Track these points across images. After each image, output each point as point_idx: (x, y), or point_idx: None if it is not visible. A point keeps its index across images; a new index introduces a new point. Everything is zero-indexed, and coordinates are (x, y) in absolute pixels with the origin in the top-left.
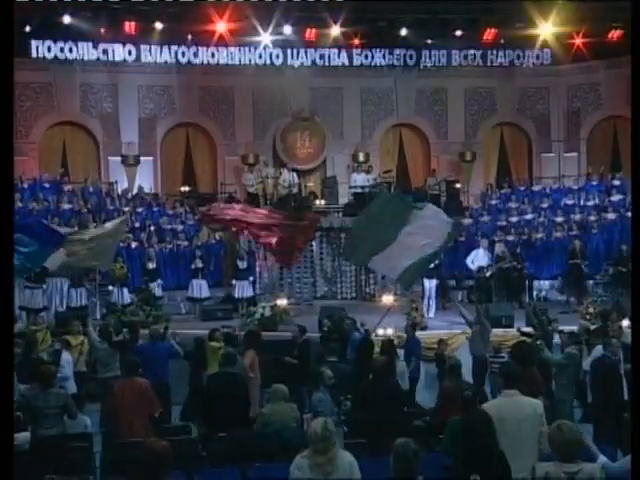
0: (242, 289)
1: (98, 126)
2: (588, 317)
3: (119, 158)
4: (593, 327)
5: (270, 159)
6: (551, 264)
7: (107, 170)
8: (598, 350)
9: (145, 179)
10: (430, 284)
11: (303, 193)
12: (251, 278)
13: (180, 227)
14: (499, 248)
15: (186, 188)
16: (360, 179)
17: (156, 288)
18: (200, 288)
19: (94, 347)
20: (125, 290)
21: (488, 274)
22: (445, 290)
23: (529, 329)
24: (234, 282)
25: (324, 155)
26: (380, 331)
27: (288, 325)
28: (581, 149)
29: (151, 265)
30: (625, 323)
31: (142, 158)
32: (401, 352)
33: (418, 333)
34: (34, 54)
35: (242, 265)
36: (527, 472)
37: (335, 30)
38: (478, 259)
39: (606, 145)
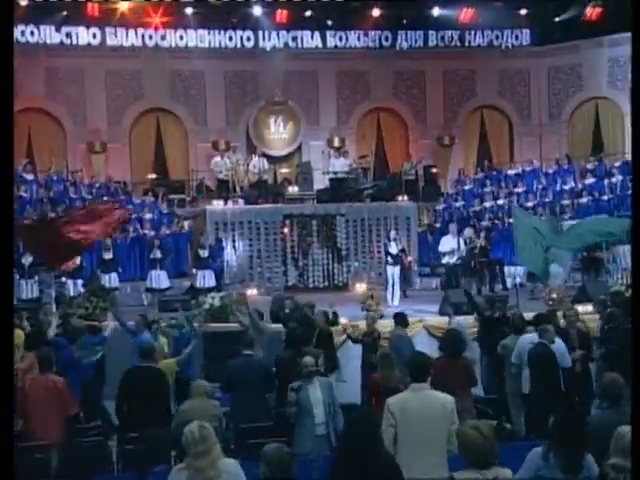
0: (203, 278)
1: (64, 113)
2: (551, 303)
3: (86, 145)
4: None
5: (244, 145)
6: None
7: (74, 158)
8: (526, 338)
9: (114, 167)
10: (394, 271)
11: (278, 180)
12: (216, 267)
13: (148, 216)
14: (467, 233)
15: (153, 176)
16: (338, 164)
17: (112, 279)
18: (159, 278)
19: None
20: (80, 281)
21: (454, 259)
22: (407, 278)
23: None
24: (194, 271)
25: (299, 141)
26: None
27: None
28: (562, 132)
29: (107, 255)
30: (582, 309)
31: (110, 145)
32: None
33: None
34: None
35: (203, 254)
36: (434, 473)
37: (307, 11)
38: (445, 245)
39: (588, 127)
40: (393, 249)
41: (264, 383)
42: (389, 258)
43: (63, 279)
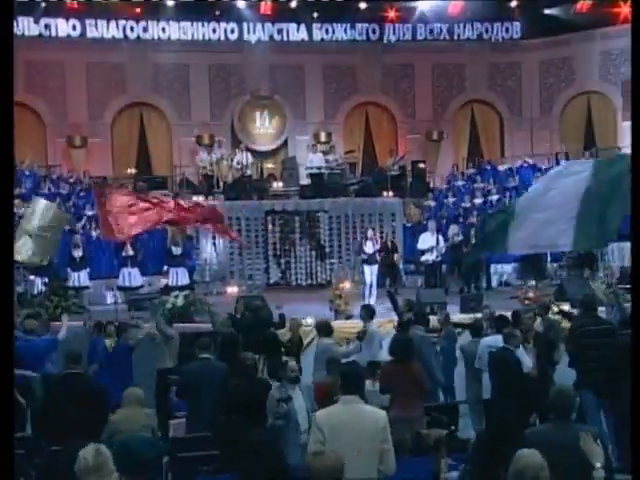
0: (175, 276)
1: (44, 106)
2: (527, 302)
3: (66, 140)
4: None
5: (229, 140)
6: None
7: (54, 153)
8: (485, 342)
9: (95, 162)
10: (371, 269)
11: (264, 175)
12: (190, 264)
13: None
14: (452, 230)
15: (133, 170)
16: (317, 159)
17: (82, 277)
18: (130, 277)
19: None
20: (46, 279)
21: (433, 257)
22: (396, 275)
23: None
24: (166, 269)
25: (285, 135)
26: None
27: (205, 316)
28: (554, 126)
29: (76, 252)
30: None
31: (91, 140)
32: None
33: (341, 322)
34: None
35: (176, 251)
36: None
37: (292, 2)
38: (424, 242)
39: (580, 122)
40: (369, 248)
41: (226, 387)
42: (365, 257)
43: (31, 277)
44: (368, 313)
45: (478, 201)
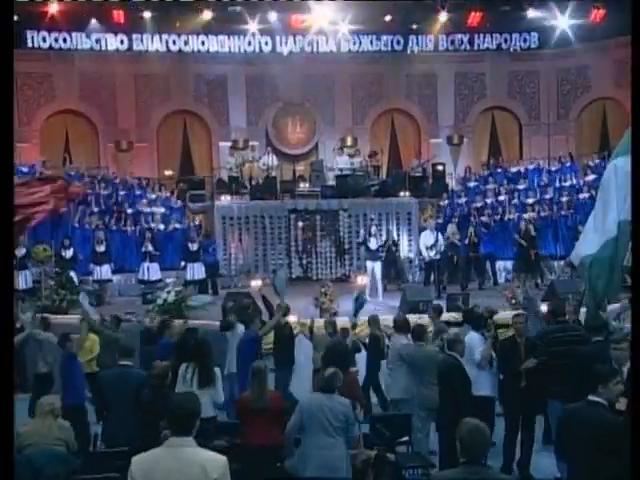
0: (192, 271)
1: (96, 114)
2: (514, 302)
3: (114, 144)
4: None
5: (263, 144)
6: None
7: (105, 156)
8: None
9: (142, 165)
10: (374, 265)
11: (296, 176)
12: (208, 259)
13: (160, 210)
14: (450, 229)
15: (170, 172)
16: (342, 161)
17: (104, 271)
18: (148, 270)
19: None
20: (72, 273)
21: (432, 254)
22: (399, 272)
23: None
24: (183, 264)
25: (315, 140)
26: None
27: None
28: (570, 131)
29: (99, 248)
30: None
31: (138, 144)
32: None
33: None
34: (29, 44)
35: (192, 247)
36: None
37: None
38: (424, 240)
39: (595, 127)
40: (372, 244)
41: (139, 398)
42: (368, 253)
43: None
44: (235, 316)
45: (489, 201)
